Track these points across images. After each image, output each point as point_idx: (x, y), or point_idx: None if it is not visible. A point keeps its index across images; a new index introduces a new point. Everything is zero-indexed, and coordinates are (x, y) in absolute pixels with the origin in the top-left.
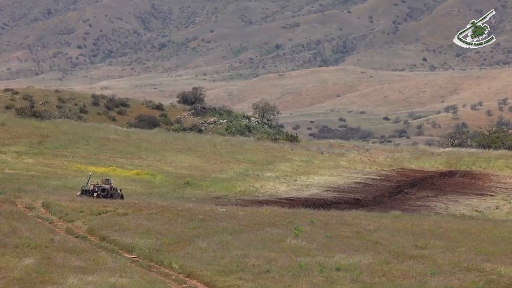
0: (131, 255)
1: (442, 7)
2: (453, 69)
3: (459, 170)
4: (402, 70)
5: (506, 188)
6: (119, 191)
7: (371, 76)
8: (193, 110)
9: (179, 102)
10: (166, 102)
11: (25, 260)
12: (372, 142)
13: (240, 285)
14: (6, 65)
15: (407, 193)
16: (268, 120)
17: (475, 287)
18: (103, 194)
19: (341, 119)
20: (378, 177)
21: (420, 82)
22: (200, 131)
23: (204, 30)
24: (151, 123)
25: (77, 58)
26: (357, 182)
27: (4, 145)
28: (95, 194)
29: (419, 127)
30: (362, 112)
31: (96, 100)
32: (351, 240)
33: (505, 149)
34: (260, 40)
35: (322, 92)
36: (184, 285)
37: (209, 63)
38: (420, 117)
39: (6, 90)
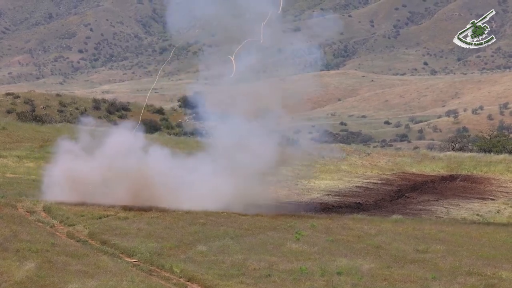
0: (132, 259)
1: (443, 11)
2: (454, 74)
3: (460, 174)
4: (403, 74)
5: (507, 192)
6: None
7: (372, 80)
8: (194, 114)
9: (180, 106)
10: (167, 106)
11: (26, 264)
12: (373, 146)
13: None
14: (7, 69)
15: (408, 197)
16: None
17: None
18: None
19: (342, 123)
20: (379, 181)
21: (421, 86)
22: (201, 135)
23: (205, 34)
24: (152, 127)
25: (78, 62)
26: (358, 186)
27: (5, 149)
28: None
29: (420, 131)
30: (363, 116)
31: (97, 104)
32: (352, 244)
33: (506, 153)
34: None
35: (323, 96)
36: None
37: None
38: (421, 121)
39: (7, 94)
